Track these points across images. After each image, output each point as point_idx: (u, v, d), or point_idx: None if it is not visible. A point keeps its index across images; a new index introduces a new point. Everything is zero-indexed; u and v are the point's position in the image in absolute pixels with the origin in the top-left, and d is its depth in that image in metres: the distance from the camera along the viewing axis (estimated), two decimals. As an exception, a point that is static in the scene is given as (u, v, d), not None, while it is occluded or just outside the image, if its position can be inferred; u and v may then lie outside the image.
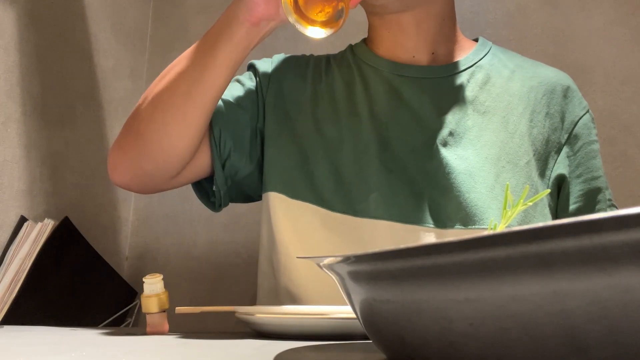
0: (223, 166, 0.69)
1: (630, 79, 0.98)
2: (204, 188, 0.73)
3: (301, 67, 0.76)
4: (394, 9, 0.69)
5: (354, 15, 1.14)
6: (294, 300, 0.65)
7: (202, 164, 0.69)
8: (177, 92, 0.62)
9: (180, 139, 0.63)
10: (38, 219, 0.90)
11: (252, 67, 0.76)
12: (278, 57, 0.77)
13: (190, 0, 1.25)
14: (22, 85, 0.93)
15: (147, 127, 0.63)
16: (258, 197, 0.76)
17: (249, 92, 0.73)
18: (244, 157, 0.70)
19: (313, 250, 0.65)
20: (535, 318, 0.18)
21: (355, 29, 1.14)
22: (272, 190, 0.68)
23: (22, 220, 0.90)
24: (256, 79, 0.74)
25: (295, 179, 0.67)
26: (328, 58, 0.78)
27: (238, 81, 0.74)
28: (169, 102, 0.62)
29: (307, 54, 1.06)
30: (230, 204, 0.78)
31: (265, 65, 0.75)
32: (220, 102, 0.70)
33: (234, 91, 0.72)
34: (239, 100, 0.71)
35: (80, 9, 1.06)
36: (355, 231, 0.64)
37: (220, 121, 0.68)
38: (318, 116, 0.70)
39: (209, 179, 0.72)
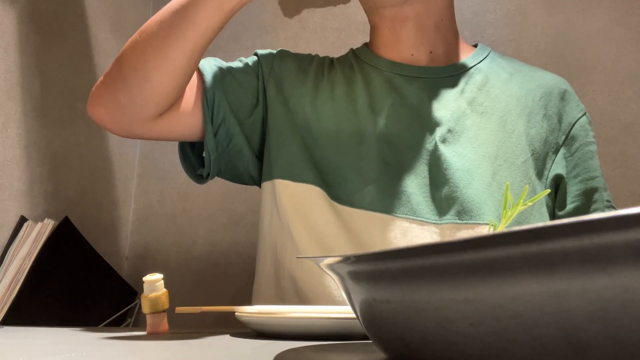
0: (216, 133, 0.69)
1: (630, 79, 0.98)
2: (191, 162, 0.73)
3: (304, 62, 0.77)
4: (394, 2, 0.70)
5: (353, 15, 1.15)
6: (296, 284, 0.66)
7: (192, 123, 0.68)
8: (162, 24, 0.62)
9: (158, 73, 0.62)
10: (38, 219, 0.90)
11: (255, 55, 0.77)
12: (282, 51, 0.78)
13: (190, 0, 1.25)
14: (22, 85, 0.93)
15: (128, 56, 0.63)
16: (247, 177, 0.76)
17: (249, 73, 0.74)
18: (238, 126, 0.71)
19: (316, 234, 0.66)
20: (535, 318, 0.18)
21: (355, 30, 1.14)
22: (276, 177, 0.69)
23: (22, 220, 0.90)
24: (258, 64, 0.75)
25: (298, 165, 0.69)
26: (332, 59, 0.80)
27: (240, 61, 0.76)
28: (153, 33, 0.62)
29: (307, 52, 1.05)
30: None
31: (269, 55, 0.77)
32: (218, 71, 0.71)
33: (234, 66, 0.73)
34: (238, 75, 0.72)
35: (80, 9, 1.06)
36: (351, 221, 0.65)
37: (217, 86, 0.69)
38: (318, 109, 0.72)
39: (197, 151, 0.73)
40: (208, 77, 0.69)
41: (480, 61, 0.74)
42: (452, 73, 0.72)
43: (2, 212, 0.88)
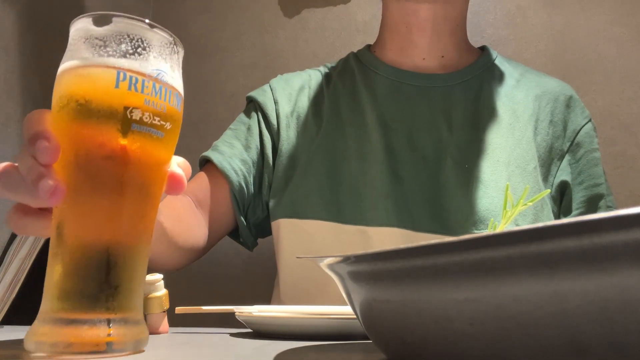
0: (246, 216, 0.74)
1: (630, 79, 0.98)
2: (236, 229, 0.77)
3: (302, 89, 0.77)
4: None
5: (353, 15, 1.15)
6: None
7: (228, 224, 0.74)
8: None
9: (175, 264, 0.70)
10: (38, 219, 0.90)
11: (252, 102, 0.77)
12: (276, 86, 0.77)
13: (190, 0, 1.25)
14: (22, 85, 0.93)
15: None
16: None
17: (257, 134, 0.74)
18: (262, 203, 0.74)
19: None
20: (535, 318, 0.18)
21: (355, 30, 1.14)
22: (280, 217, 0.69)
23: (22, 220, 0.90)
24: (258, 115, 0.75)
25: (302, 200, 0.68)
26: (328, 72, 0.78)
27: (243, 123, 0.76)
28: None
29: (307, 52, 1.06)
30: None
31: (266, 98, 0.76)
32: (238, 162, 0.72)
33: (250, 142, 0.74)
34: (254, 147, 0.74)
35: (80, 9, 1.06)
36: (369, 240, 0.64)
37: (241, 178, 0.72)
38: (323, 132, 0.71)
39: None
40: (232, 176, 0.71)
41: (488, 66, 0.74)
42: (461, 79, 0.72)
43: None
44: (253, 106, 0.76)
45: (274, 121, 0.74)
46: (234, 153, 0.72)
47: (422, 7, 0.71)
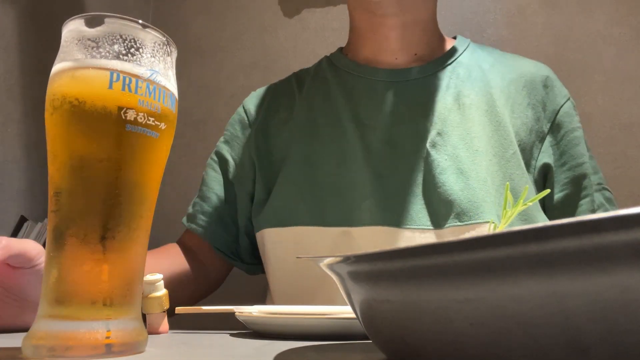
0: (241, 259, 0.78)
1: (630, 79, 0.98)
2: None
3: (272, 101, 0.77)
4: (389, 12, 0.70)
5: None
6: None
7: (226, 267, 0.79)
8: None
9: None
10: (38, 219, 0.90)
11: (227, 142, 0.78)
12: (248, 106, 0.78)
13: (190, 0, 1.25)
14: (22, 85, 0.93)
15: None
16: None
17: (228, 184, 0.76)
18: (250, 244, 0.77)
19: (317, 273, 0.65)
20: (535, 318, 0.18)
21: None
22: (264, 227, 0.69)
23: (22, 220, 0.90)
24: (231, 156, 0.76)
25: (284, 208, 0.68)
26: (300, 77, 0.78)
27: (213, 177, 0.77)
28: None
29: (307, 52, 1.05)
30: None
31: (239, 129, 0.77)
32: (217, 220, 0.75)
33: (214, 190, 0.76)
34: (231, 191, 0.76)
35: (80, 9, 1.06)
36: (354, 241, 0.63)
37: (221, 242, 0.75)
38: (299, 138, 0.71)
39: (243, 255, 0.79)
40: (216, 243, 0.75)
41: (461, 54, 0.74)
42: (434, 70, 0.71)
43: (2, 212, 0.88)
44: (217, 157, 0.78)
45: (250, 144, 0.75)
46: (212, 220, 0.75)
47: (389, 19, 0.71)
